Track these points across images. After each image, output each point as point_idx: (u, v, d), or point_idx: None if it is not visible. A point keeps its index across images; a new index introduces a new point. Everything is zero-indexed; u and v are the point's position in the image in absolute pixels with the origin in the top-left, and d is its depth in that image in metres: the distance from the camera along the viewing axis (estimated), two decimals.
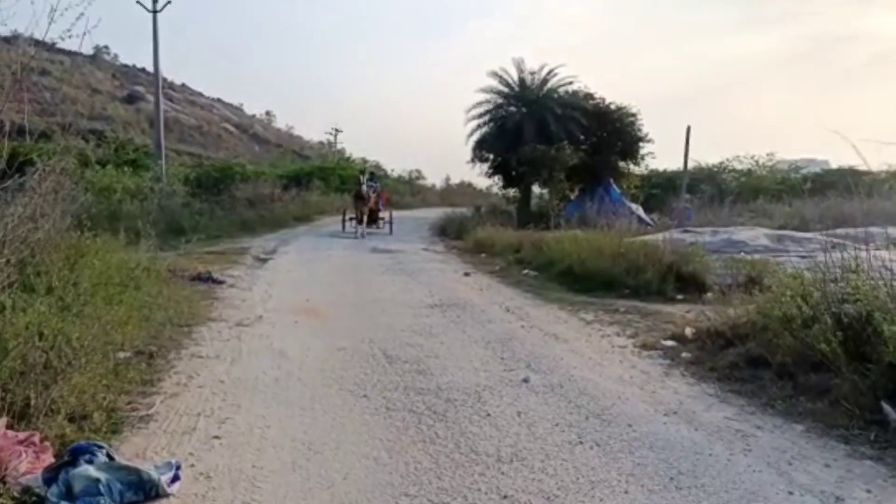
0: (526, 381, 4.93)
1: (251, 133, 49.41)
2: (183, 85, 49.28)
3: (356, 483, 3.18)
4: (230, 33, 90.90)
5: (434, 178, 44.01)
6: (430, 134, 73.05)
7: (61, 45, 5.05)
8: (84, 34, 4.61)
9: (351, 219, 18.90)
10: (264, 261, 12.04)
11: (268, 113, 56.85)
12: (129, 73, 46.98)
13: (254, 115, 55.12)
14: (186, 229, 14.73)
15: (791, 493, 3.13)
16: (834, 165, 27.48)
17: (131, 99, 40.92)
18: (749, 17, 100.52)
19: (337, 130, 46.82)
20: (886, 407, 3.89)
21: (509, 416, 4.16)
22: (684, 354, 5.63)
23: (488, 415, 4.18)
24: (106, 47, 46.69)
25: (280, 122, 56.57)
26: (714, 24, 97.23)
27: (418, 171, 43.16)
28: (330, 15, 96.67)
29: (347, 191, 24.48)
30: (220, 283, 8.91)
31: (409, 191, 38.77)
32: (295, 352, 5.64)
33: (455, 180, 42.22)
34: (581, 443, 3.75)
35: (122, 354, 4.76)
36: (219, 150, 38.62)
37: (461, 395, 4.55)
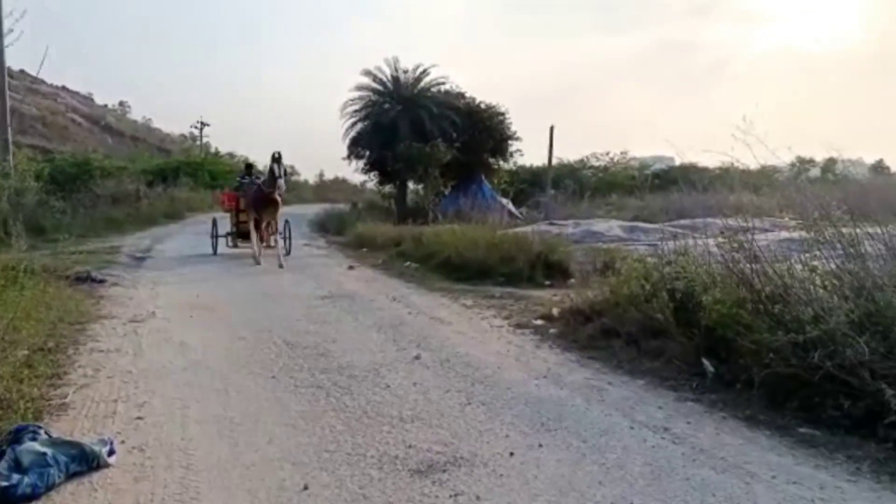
0: (417, 358, 5.54)
1: (103, 125, 45.82)
2: (21, 71, 44.77)
3: (280, 445, 3.62)
4: (75, 14, 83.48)
5: (307, 174, 43.63)
6: (304, 129, 71.75)
7: None
8: None
9: (228, 234, 13.16)
10: (142, 259, 11.78)
11: (121, 104, 53.14)
12: None
13: (105, 106, 51.21)
14: (47, 228, 13.95)
15: (632, 427, 3.97)
16: (677, 163, 30.59)
17: None
18: (603, 21, 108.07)
19: (203, 124, 45.06)
20: (705, 362, 4.90)
21: (406, 387, 4.74)
22: (552, 331, 6.50)
23: (388, 386, 4.74)
24: None
25: (136, 114, 53.09)
26: (571, 27, 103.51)
27: (291, 167, 42.43)
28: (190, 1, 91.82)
29: (222, 187, 22.02)
30: (101, 282, 8.73)
31: None
32: (196, 343, 5.87)
33: (329, 176, 42.22)
34: (469, 403, 4.41)
35: (20, 352, 4.78)
36: (66, 143, 35.53)
37: (361, 372, 5.07)
